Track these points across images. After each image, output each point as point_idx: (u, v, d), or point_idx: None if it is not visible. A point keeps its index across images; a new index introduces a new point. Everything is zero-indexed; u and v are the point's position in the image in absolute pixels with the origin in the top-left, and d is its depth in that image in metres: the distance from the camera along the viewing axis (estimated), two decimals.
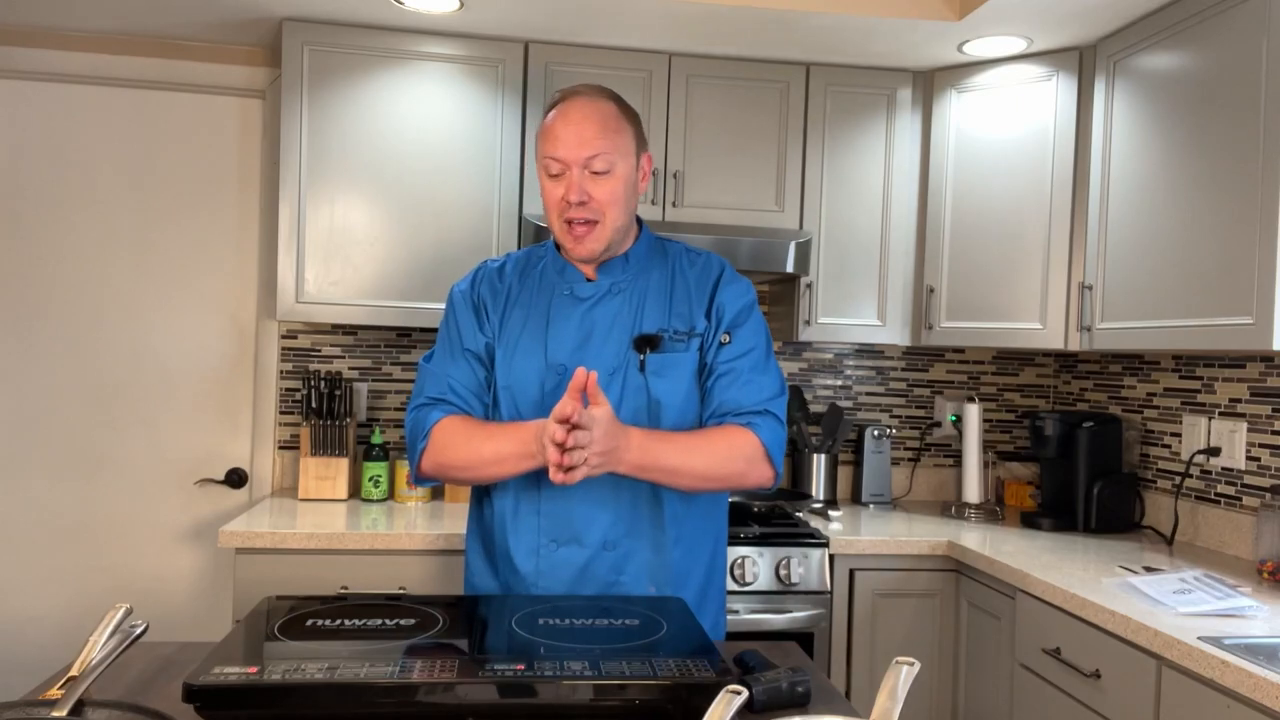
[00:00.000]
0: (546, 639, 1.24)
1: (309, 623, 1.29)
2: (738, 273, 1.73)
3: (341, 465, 2.79)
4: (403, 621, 1.30)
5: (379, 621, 1.30)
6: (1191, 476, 2.67)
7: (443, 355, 1.70)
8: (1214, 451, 2.56)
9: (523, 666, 1.12)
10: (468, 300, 1.71)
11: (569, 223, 1.59)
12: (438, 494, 2.92)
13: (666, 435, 1.56)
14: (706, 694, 1.05)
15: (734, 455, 1.58)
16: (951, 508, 2.98)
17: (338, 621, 1.29)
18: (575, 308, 1.65)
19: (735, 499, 2.72)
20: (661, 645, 1.23)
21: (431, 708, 1.08)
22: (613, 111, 1.61)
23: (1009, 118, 2.79)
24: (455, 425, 1.61)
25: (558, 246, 1.70)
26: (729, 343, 1.64)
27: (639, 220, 1.73)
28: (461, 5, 2.51)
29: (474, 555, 1.74)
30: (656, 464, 1.52)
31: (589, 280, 1.66)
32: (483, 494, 1.71)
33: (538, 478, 1.60)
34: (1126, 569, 2.27)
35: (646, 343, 1.62)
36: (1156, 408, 2.83)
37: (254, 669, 1.09)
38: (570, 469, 1.38)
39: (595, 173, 1.57)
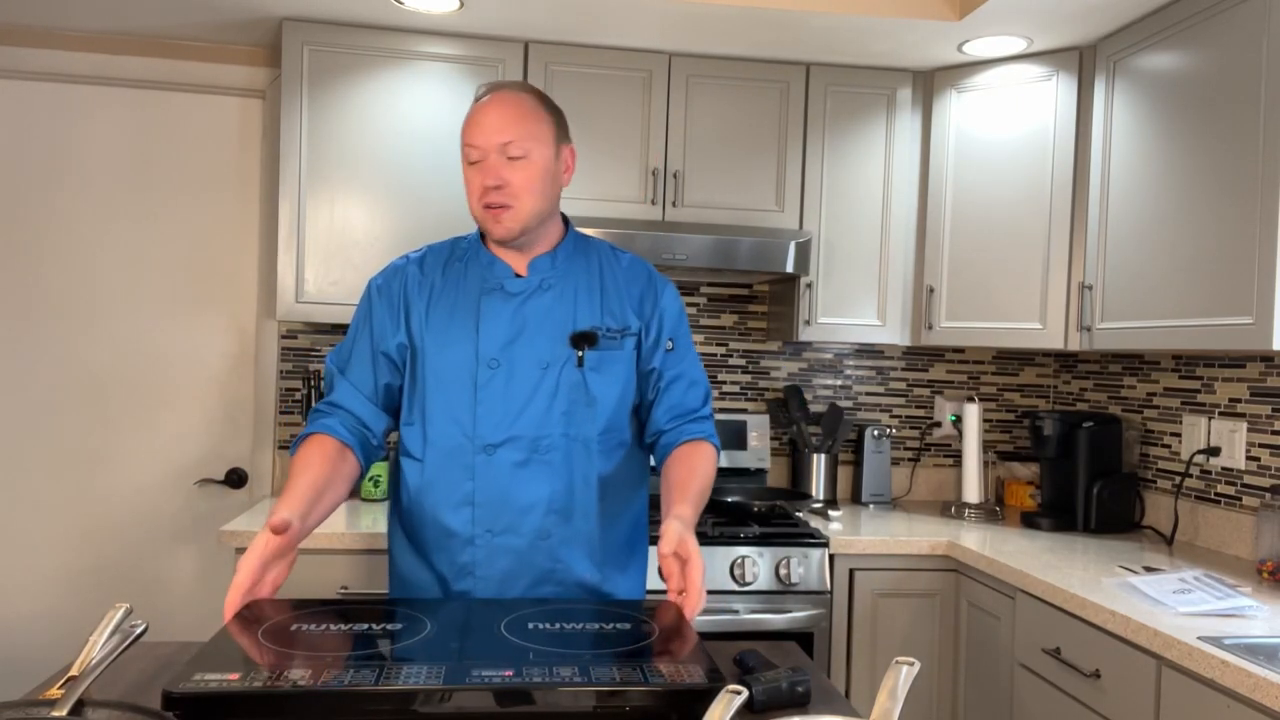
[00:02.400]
0: (536, 644, 1.23)
1: (294, 627, 1.27)
2: (664, 276, 1.82)
3: None
4: (389, 626, 1.29)
5: (365, 626, 1.28)
6: (1191, 476, 2.67)
7: (352, 356, 1.70)
8: (1214, 451, 2.56)
9: (511, 672, 1.11)
10: (385, 296, 1.70)
11: (487, 207, 1.62)
12: None
13: (689, 488, 1.60)
14: (700, 699, 1.05)
15: (713, 470, 1.69)
16: (951, 508, 2.98)
17: (323, 626, 1.28)
18: (506, 303, 1.66)
19: (736, 499, 2.73)
20: (652, 649, 1.22)
21: (417, 715, 1.07)
22: (530, 103, 1.65)
23: (1009, 118, 2.79)
24: (306, 451, 1.60)
25: (482, 239, 1.72)
26: (673, 349, 1.74)
27: (565, 219, 1.76)
28: (461, 5, 2.51)
29: (401, 550, 1.73)
30: (700, 505, 1.60)
31: (518, 276, 1.68)
32: (403, 491, 1.71)
33: (471, 469, 1.62)
34: (1126, 569, 2.27)
35: (584, 339, 1.66)
36: (1156, 408, 2.83)
37: (235, 676, 1.08)
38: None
39: (511, 158, 1.61)
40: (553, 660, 1.16)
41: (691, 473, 1.64)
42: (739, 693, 0.96)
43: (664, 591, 2.40)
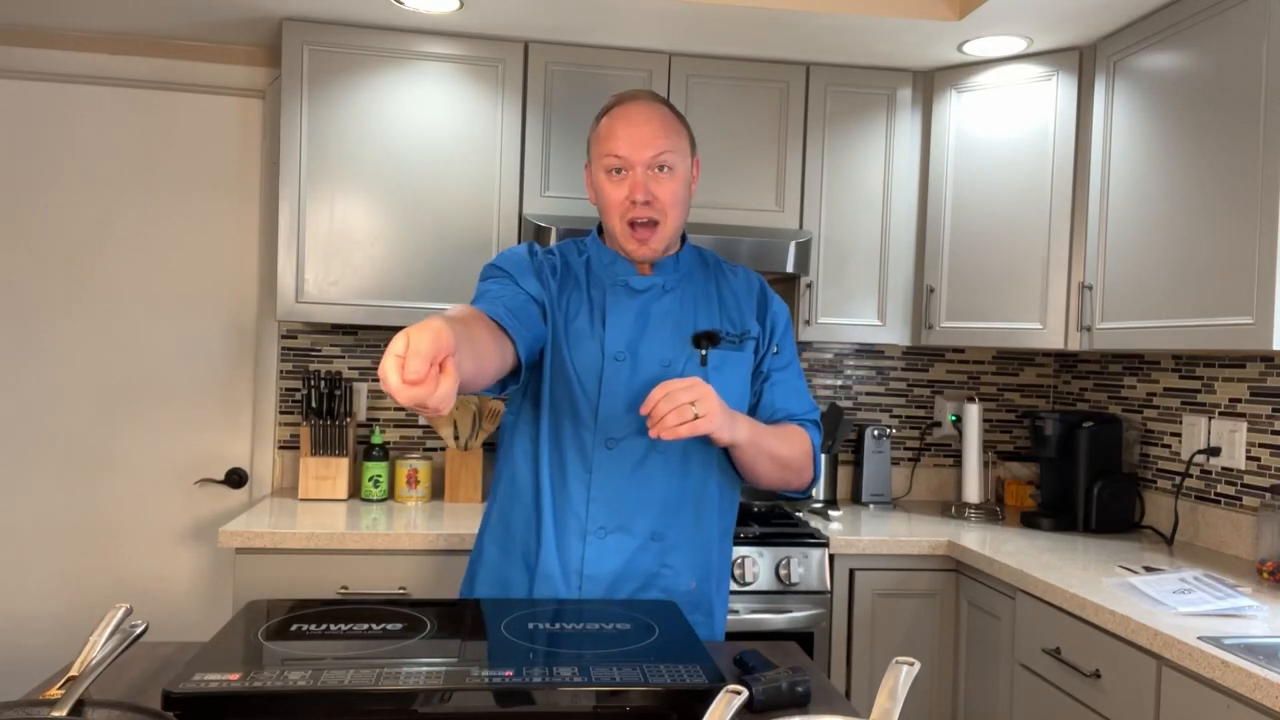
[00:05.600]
0: (536, 644, 1.23)
1: (294, 627, 1.27)
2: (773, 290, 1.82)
3: (341, 465, 2.79)
4: (390, 626, 1.28)
5: (366, 626, 1.28)
6: (1191, 476, 2.67)
7: (498, 284, 1.62)
8: (1214, 451, 2.56)
9: (511, 672, 1.11)
10: (526, 262, 1.65)
11: (631, 224, 1.61)
12: (438, 494, 2.92)
13: (755, 421, 1.60)
14: (700, 699, 1.05)
15: (804, 450, 1.67)
16: (951, 508, 2.98)
17: (324, 626, 1.28)
18: (631, 299, 1.65)
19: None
20: (653, 650, 1.22)
21: (418, 715, 1.06)
22: (671, 114, 1.64)
23: (1009, 117, 2.79)
24: (470, 310, 1.48)
25: (600, 239, 1.71)
26: (778, 354, 1.73)
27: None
28: (461, 5, 2.51)
29: (492, 548, 1.68)
30: (762, 442, 1.58)
31: (641, 275, 1.67)
32: (514, 486, 1.67)
33: (589, 464, 1.60)
34: (1126, 569, 2.27)
35: (707, 339, 1.65)
36: (1156, 407, 2.83)
37: (235, 676, 1.07)
38: (682, 423, 1.40)
39: (659, 169, 1.60)
40: (553, 660, 1.16)
41: (773, 425, 1.63)
42: (739, 693, 0.96)
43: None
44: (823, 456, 3.05)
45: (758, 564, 2.49)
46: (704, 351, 1.64)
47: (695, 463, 1.64)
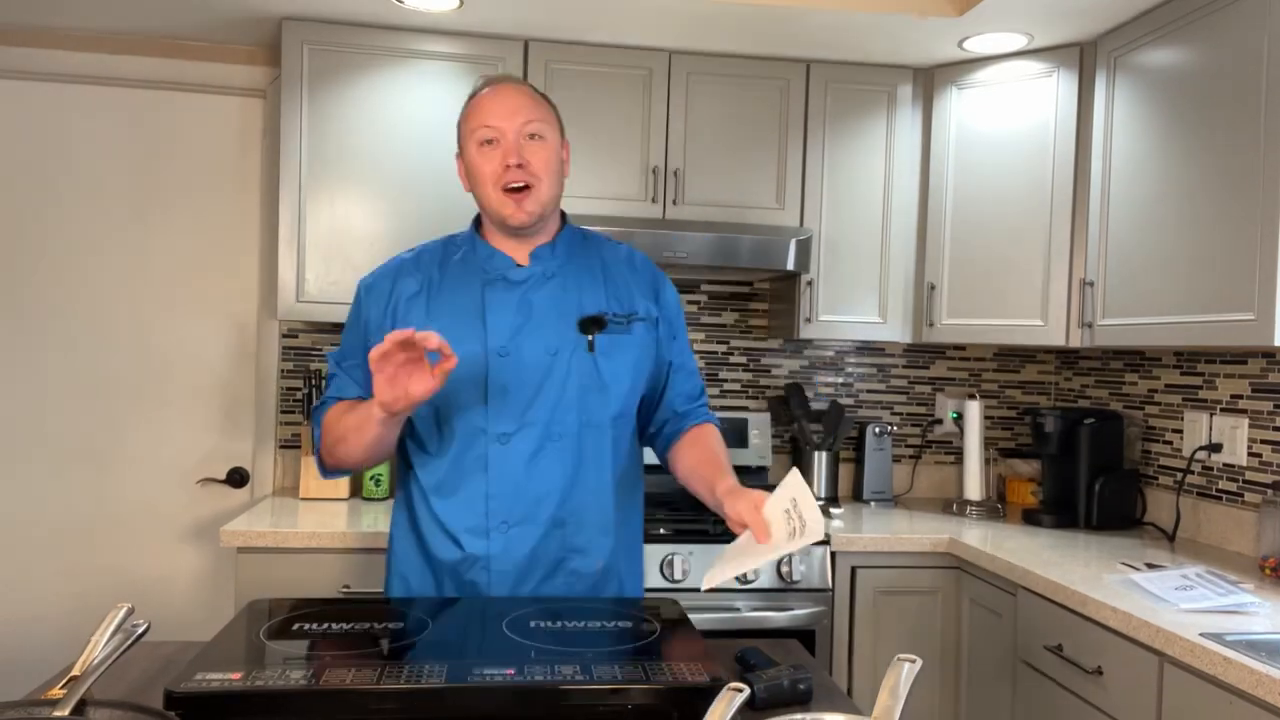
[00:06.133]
0: (537, 642, 1.23)
1: (296, 626, 1.27)
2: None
3: None
4: (391, 625, 1.29)
5: (367, 625, 1.28)
6: (1193, 473, 2.67)
7: (345, 354, 1.71)
8: (1215, 448, 2.56)
9: (513, 671, 1.11)
10: (374, 294, 1.71)
11: (506, 190, 1.62)
12: None
13: (722, 461, 1.66)
14: (702, 697, 1.05)
15: (724, 446, 1.75)
16: (953, 505, 2.98)
17: (324, 625, 1.28)
18: (510, 292, 1.66)
19: None
20: (655, 648, 1.22)
21: (419, 714, 1.06)
22: (535, 93, 1.69)
23: (1010, 114, 2.78)
24: (336, 409, 1.65)
25: (477, 233, 1.72)
26: (675, 339, 1.78)
27: (562, 212, 1.77)
28: (461, 4, 2.50)
29: (404, 547, 1.70)
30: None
31: (520, 265, 1.68)
32: (418, 485, 1.69)
33: (484, 460, 1.61)
34: (1128, 565, 2.27)
35: (594, 324, 1.66)
36: (1158, 404, 2.83)
37: (237, 675, 1.08)
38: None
39: (530, 136, 1.62)
40: (555, 659, 1.16)
41: (709, 450, 1.68)
42: (741, 690, 0.96)
43: (662, 590, 2.41)
44: (813, 455, 3.05)
45: None
46: (590, 337, 1.65)
47: (589, 448, 1.65)
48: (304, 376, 2.92)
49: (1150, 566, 2.25)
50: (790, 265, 2.74)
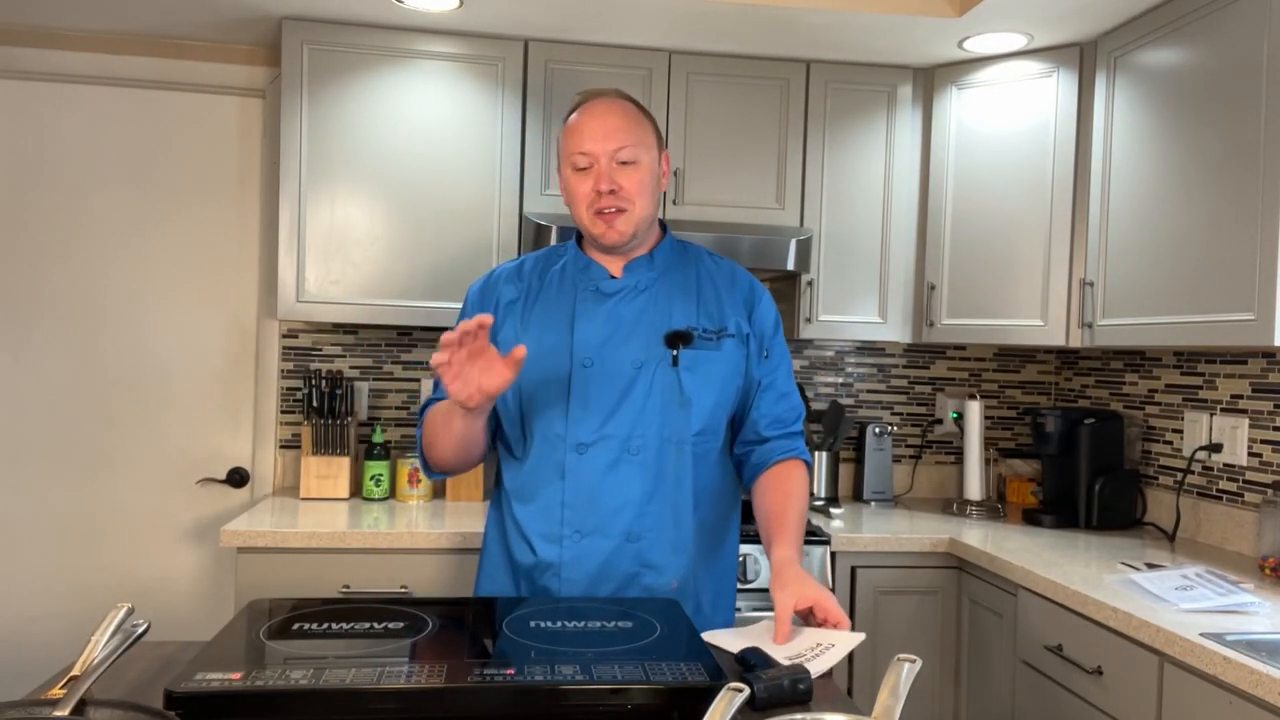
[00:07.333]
0: (538, 642, 1.23)
1: (296, 626, 1.27)
2: (762, 284, 1.83)
3: (343, 464, 2.79)
4: (392, 624, 1.29)
5: (367, 625, 1.28)
6: (1193, 473, 2.67)
7: None
8: (1216, 448, 2.56)
9: (513, 671, 1.11)
10: (485, 299, 1.74)
11: (599, 213, 1.63)
12: (439, 493, 2.92)
13: (788, 520, 1.63)
14: (702, 697, 1.05)
15: (806, 492, 1.71)
16: (953, 505, 2.98)
17: (325, 625, 1.28)
18: (600, 304, 1.67)
19: None
20: (655, 648, 1.22)
21: (419, 713, 1.06)
22: (634, 110, 1.68)
23: (1010, 114, 2.78)
24: (435, 409, 1.66)
25: (579, 245, 1.74)
26: (768, 357, 1.73)
27: (662, 224, 1.77)
28: (461, 4, 2.50)
29: (494, 548, 1.74)
30: (800, 547, 1.63)
31: (613, 278, 1.69)
32: (504, 488, 1.73)
33: (561, 468, 1.62)
34: (1128, 565, 2.27)
35: (679, 338, 1.66)
36: (1158, 404, 2.82)
37: (237, 675, 1.07)
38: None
39: (622, 163, 1.62)
40: (554, 659, 1.16)
41: (787, 498, 1.65)
42: (741, 690, 0.96)
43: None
44: (813, 455, 3.05)
45: (759, 561, 2.49)
46: (675, 352, 1.65)
47: (669, 464, 1.65)
48: (304, 376, 2.92)
49: (1150, 566, 2.25)
50: (790, 265, 2.74)
